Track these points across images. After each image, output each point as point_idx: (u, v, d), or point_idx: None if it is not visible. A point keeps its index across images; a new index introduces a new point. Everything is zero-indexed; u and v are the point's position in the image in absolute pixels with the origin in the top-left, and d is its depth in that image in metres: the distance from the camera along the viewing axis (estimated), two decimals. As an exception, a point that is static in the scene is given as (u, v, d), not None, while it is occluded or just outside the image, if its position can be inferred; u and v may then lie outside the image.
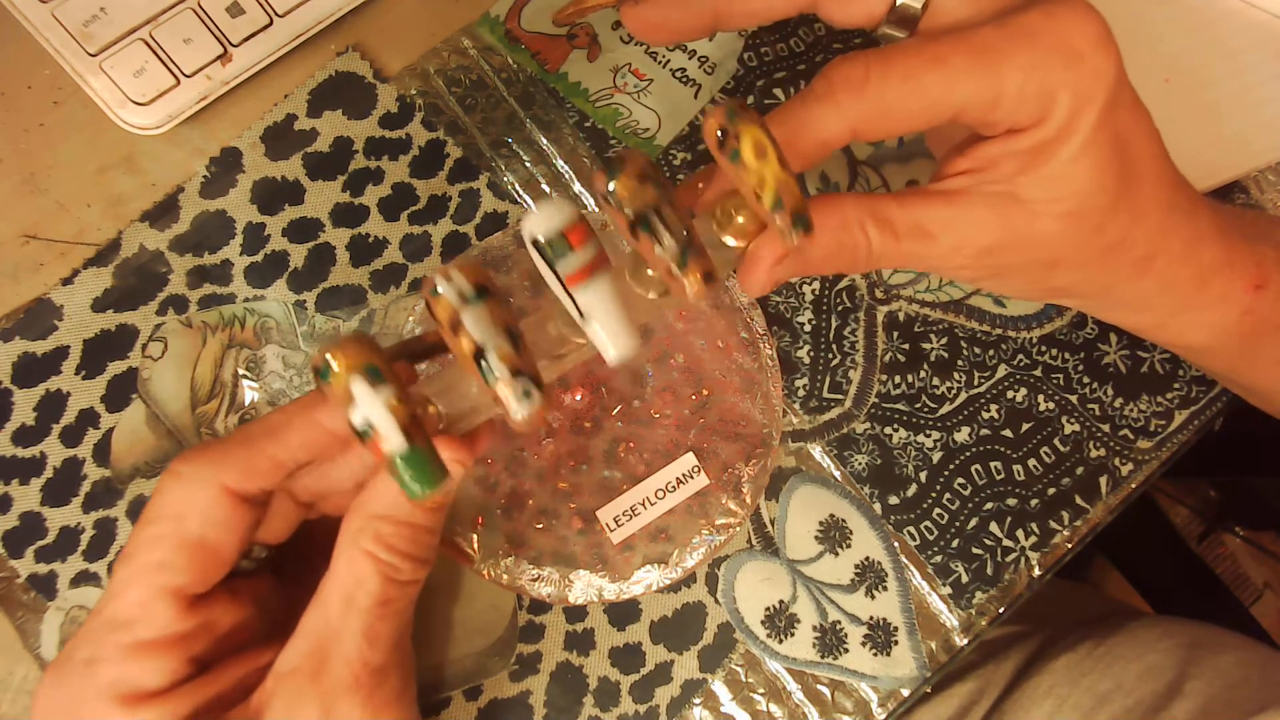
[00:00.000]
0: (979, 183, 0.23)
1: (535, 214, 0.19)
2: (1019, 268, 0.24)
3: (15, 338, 0.33)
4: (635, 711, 0.32)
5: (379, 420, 0.17)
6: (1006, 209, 0.22)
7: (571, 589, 0.32)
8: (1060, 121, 0.21)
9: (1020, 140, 0.22)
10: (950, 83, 0.21)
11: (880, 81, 0.21)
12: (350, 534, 0.23)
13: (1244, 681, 0.37)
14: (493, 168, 0.35)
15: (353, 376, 0.17)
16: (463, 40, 0.36)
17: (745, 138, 0.19)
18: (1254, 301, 0.26)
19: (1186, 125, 0.34)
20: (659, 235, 0.19)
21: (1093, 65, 0.21)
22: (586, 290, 0.19)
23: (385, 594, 0.22)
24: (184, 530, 0.21)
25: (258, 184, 0.34)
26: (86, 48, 0.32)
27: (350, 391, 0.17)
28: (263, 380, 0.33)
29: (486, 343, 0.18)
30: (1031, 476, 0.34)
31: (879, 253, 0.23)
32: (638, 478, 0.32)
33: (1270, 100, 0.34)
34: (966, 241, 0.23)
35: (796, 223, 0.19)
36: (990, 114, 0.22)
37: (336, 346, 0.18)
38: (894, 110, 0.21)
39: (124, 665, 0.21)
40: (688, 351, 0.33)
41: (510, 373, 0.18)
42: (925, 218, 0.23)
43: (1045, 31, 0.21)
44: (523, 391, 0.18)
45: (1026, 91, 0.21)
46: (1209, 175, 0.34)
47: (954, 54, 0.21)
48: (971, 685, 0.45)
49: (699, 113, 0.36)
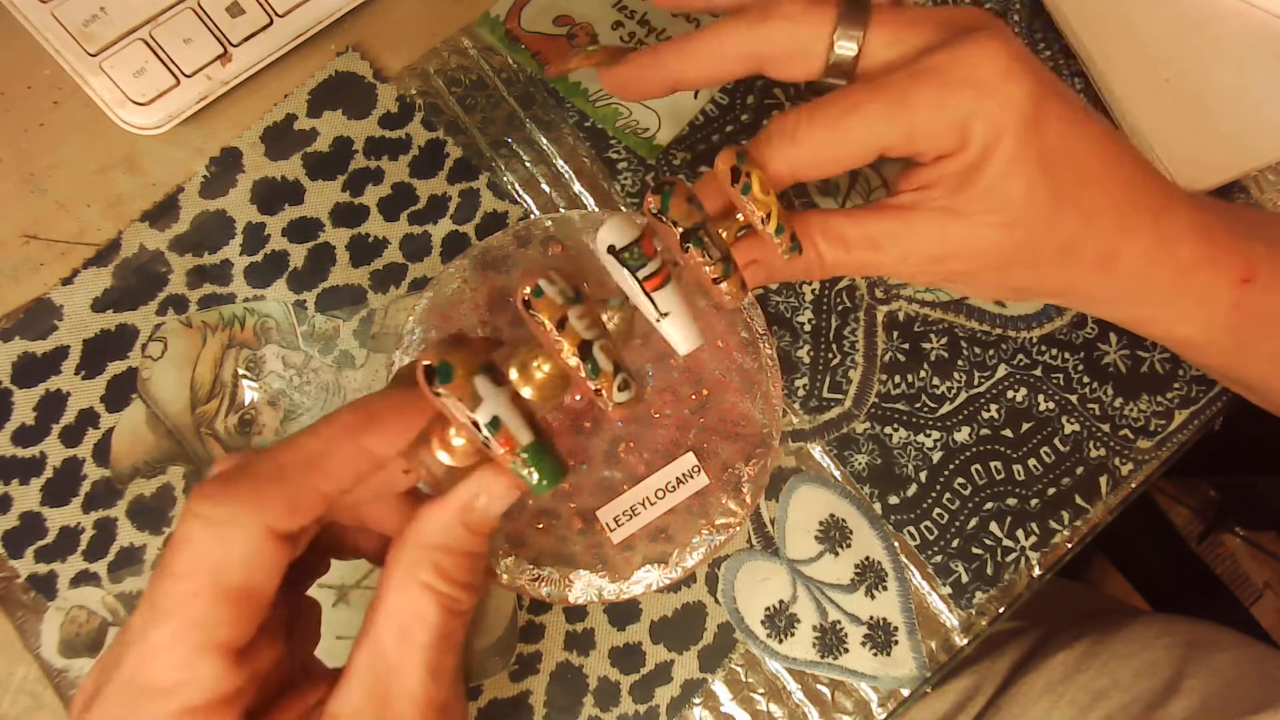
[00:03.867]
0: (924, 199, 0.25)
1: (612, 226, 0.22)
2: (971, 272, 0.26)
3: (15, 338, 0.33)
4: (635, 711, 0.32)
5: (507, 416, 0.18)
6: (947, 222, 0.25)
7: (571, 589, 0.32)
8: (980, 146, 0.24)
9: (948, 164, 0.24)
10: (869, 125, 0.24)
11: (808, 130, 0.24)
12: (404, 566, 0.21)
13: (1242, 680, 0.37)
14: (493, 168, 0.35)
15: (476, 376, 0.18)
16: (463, 40, 0.36)
17: (755, 176, 0.23)
18: (1242, 295, 0.27)
19: (1187, 125, 0.34)
20: (708, 250, 0.22)
21: (1001, 94, 0.23)
22: (663, 293, 0.22)
23: (446, 627, 0.21)
24: (225, 581, 0.19)
25: (258, 184, 0.34)
26: (86, 48, 0.32)
27: (476, 391, 0.18)
28: (263, 380, 0.33)
29: (593, 339, 0.20)
30: (1031, 476, 0.34)
31: (832, 262, 0.26)
32: (638, 478, 0.32)
33: (1270, 100, 0.34)
34: (912, 251, 0.25)
35: (793, 245, 0.24)
36: (911, 147, 0.24)
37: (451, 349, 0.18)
38: (823, 154, 0.24)
39: None
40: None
41: (614, 367, 0.20)
42: (874, 231, 0.25)
43: (950, 70, 0.23)
44: (624, 382, 0.20)
45: (937, 126, 0.23)
46: (1209, 175, 0.34)
47: (868, 100, 0.24)
48: (968, 680, 0.45)
49: (698, 113, 0.36)
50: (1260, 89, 0.34)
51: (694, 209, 0.22)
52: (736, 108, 0.36)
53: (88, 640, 0.32)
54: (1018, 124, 0.23)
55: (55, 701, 0.31)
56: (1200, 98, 0.34)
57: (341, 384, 0.34)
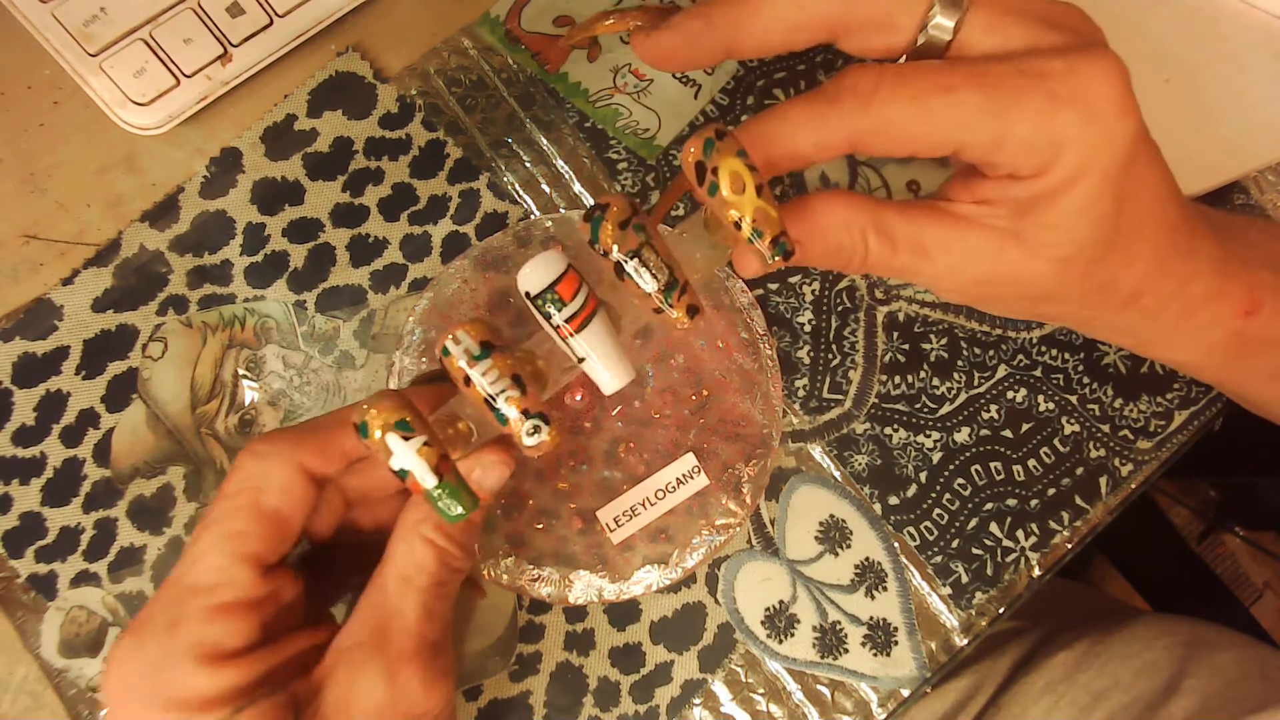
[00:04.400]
0: (985, 215, 0.23)
1: (528, 269, 0.21)
2: (1007, 298, 0.25)
3: (15, 338, 0.33)
4: (635, 711, 0.32)
5: (413, 465, 0.20)
6: (1004, 245, 0.23)
7: (571, 589, 0.32)
8: (1062, 177, 0.21)
9: (1017, 188, 0.22)
10: (956, 114, 0.21)
11: (889, 97, 0.21)
12: (409, 523, 0.24)
13: (1242, 680, 0.37)
14: (493, 168, 0.35)
15: (387, 434, 0.20)
16: (463, 40, 0.36)
17: (723, 171, 0.20)
18: (1245, 325, 0.26)
19: (1186, 125, 0.34)
20: (642, 279, 0.20)
21: (1107, 127, 0.21)
22: (579, 337, 0.22)
23: (441, 576, 0.24)
24: (262, 501, 0.23)
25: (258, 184, 0.34)
26: (86, 48, 0.32)
27: (387, 446, 0.20)
28: (263, 380, 0.33)
29: (494, 394, 0.21)
30: (1031, 477, 0.34)
31: (875, 261, 0.23)
32: (638, 478, 0.32)
33: (1270, 100, 0.34)
34: (960, 268, 0.23)
35: (776, 250, 0.20)
36: (992, 155, 0.21)
37: (371, 406, 0.20)
38: (895, 130, 0.21)
39: (206, 626, 0.22)
40: (688, 352, 0.33)
41: (519, 414, 0.21)
42: (925, 236, 0.23)
43: (1065, 82, 0.20)
44: (532, 428, 0.21)
45: (1034, 140, 0.21)
46: (1209, 175, 0.34)
47: (965, 86, 0.21)
48: (968, 680, 0.45)
49: (699, 113, 0.36)
50: (1260, 89, 0.34)
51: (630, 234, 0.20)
52: (737, 108, 0.36)
53: (88, 640, 0.32)
54: (1112, 164, 0.21)
55: (55, 701, 0.31)
56: (1200, 98, 0.34)
57: (341, 384, 0.34)
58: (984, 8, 0.22)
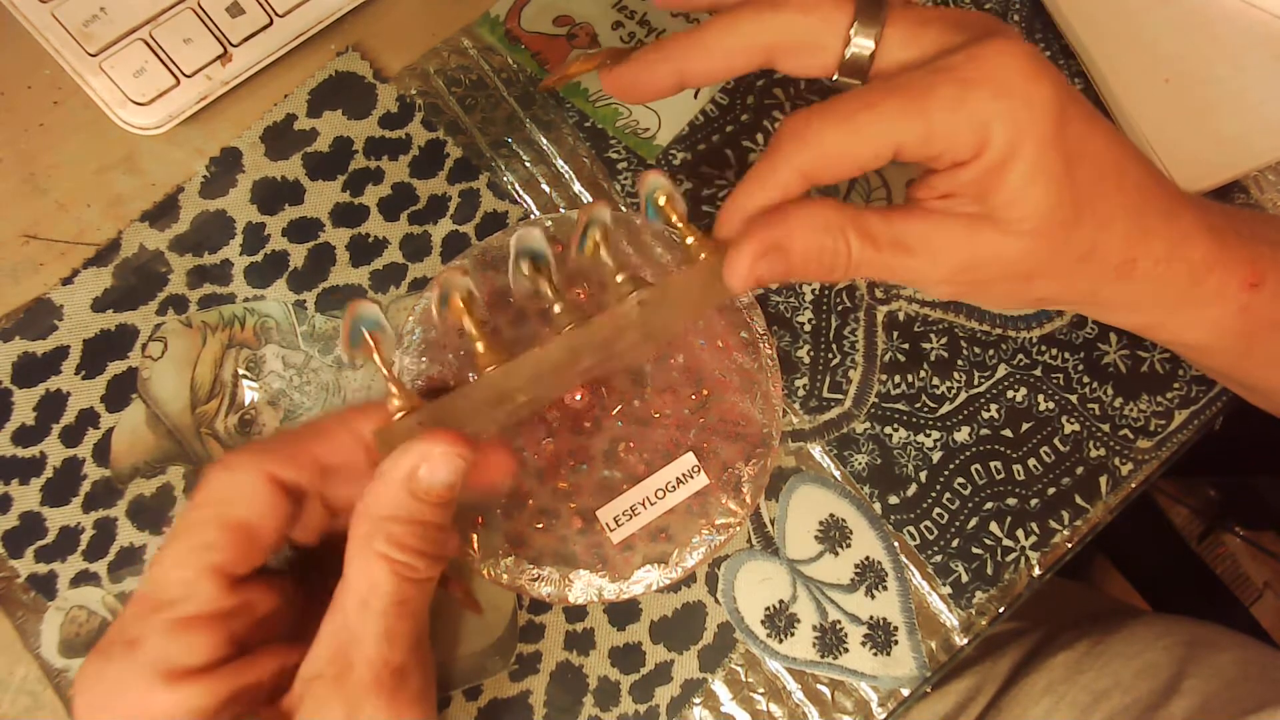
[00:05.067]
0: (951, 205, 0.24)
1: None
2: (994, 281, 0.25)
3: (15, 338, 0.33)
4: (635, 711, 0.32)
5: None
6: (976, 227, 0.24)
7: (571, 589, 0.32)
8: (999, 151, 0.23)
9: (964, 172, 0.23)
10: (883, 125, 0.23)
11: (819, 128, 0.23)
12: (360, 538, 0.23)
13: (1242, 680, 0.37)
14: (493, 168, 0.35)
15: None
16: (463, 40, 0.36)
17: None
18: (1251, 299, 0.27)
19: (1186, 125, 0.34)
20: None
21: (1023, 95, 0.22)
22: None
23: (401, 594, 0.23)
24: (229, 513, 0.23)
25: (258, 184, 0.34)
26: (86, 48, 0.32)
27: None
28: (262, 380, 0.33)
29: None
30: (1031, 476, 0.34)
31: (858, 260, 0.24)
32: (638, 477, 0.32)
33: (1270, 100, 0.34)
34: (942, 257, 0.24)
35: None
36: (926, 150, 0.23)
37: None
38: (835, 154, 0.23)
39: (167, 642, 0.22)
40: (688, 351, 0.33)
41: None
42: (905, 232, 0.24)
43: (970, 70, 0.22)
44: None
45: (956, 127, 0.22)
46: (1209, 175, 0.34)
47: (884, 99, 0.23)
48: (969, 681, 0.45)
49: (699, 113, 0.36)
50: (1260, 89, 0.34)
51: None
52: (736, 107, 0.36)
53: (88, 640, 0.32)
54: (1041, 127, 0.23)
55: (55, 701, 0.31)
56: (1200, 98, 0.34)
57: (341, 384, 0.34)
58: (898, 24, 0.24)
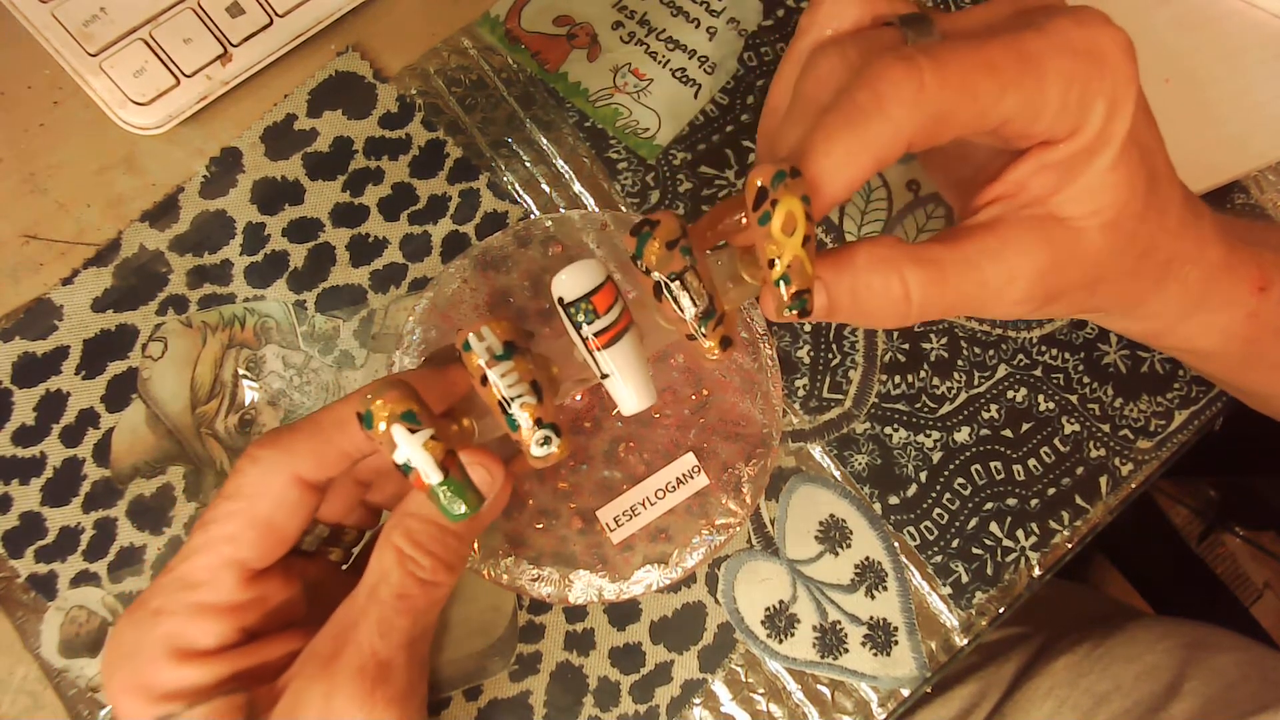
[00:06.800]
0: (1012, 209, 0.22)
1: (564, 276, 0.20)
2: (1067, 291, 0.23)
3: (15, 338, 0.33)
4: (635, 711, 0.32)
5: (418, 460, 0.19)
6: (1049, 229, 0.22)
7: (571, 589, 0.32)
8: (1095, 130, 0.21)
9: (1054, 153, 0.21)
10: (1003, 94, 0.20)
11: (937, 88, 0.19)
12: (386, 530, 0.24)
13: (1243, 681, 0.37)
14: (493, 168, 0.35)
15: (393, 425, 0.19)
16: (463, 40, 0.36)
17: (781, 207, 0.19)
18: (1259, 304, 0.26)
19: (1186, 125, 0.34)
20: (680, 302, 0.20)
21: (1124, 72, 0.21)
22: (607, 352, 0.21)
23: (405, 588, 0.23)
24: (255, 510, 0.23)
25: (258, 184, 0.34)
26: (86, 48, 0.32)
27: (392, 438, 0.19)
28: (263, 380, 0.33)
29: (511, 398, 0.20)
30: (1031, 476, 0.34)
31: (922, 299, 0.21)
32: (638, 478, 0.32)
33: (1270, 100, 0.34)
34: (1018, 269, 0.22)
35: (797, 302, 0.20)
36: (1033, 125, 0.21)
37: (377, 395, 0.19)
38: (948, 119, 0.20)
39: (184, 621, 0.23)
40: (688, 351, 0.33)
41: (532, 423, 0.20)
42: (970, 251, 0.22)
43: (1080, 38, 0.20)
44: (543, 438, 0.20)
45: (1068, 101, 0.20)
46: (1209, 175, 0.34)
47: (1005, 60, 0.20)
48: (973, 687, 0.45)
49: (699, 113, 0.36)
50: (1260, 89, 0.34)
51: (674, 255, 0.19)
52: (737, 108, 0.36)
53: (88, 640, 0.32)
54: (1131, 107, 0.21)
55: (55, 701, 0.31)
56: (1200, 98, 0.34)
57: (341, 384, 0.34)
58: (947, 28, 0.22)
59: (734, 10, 0.37)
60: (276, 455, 0.23)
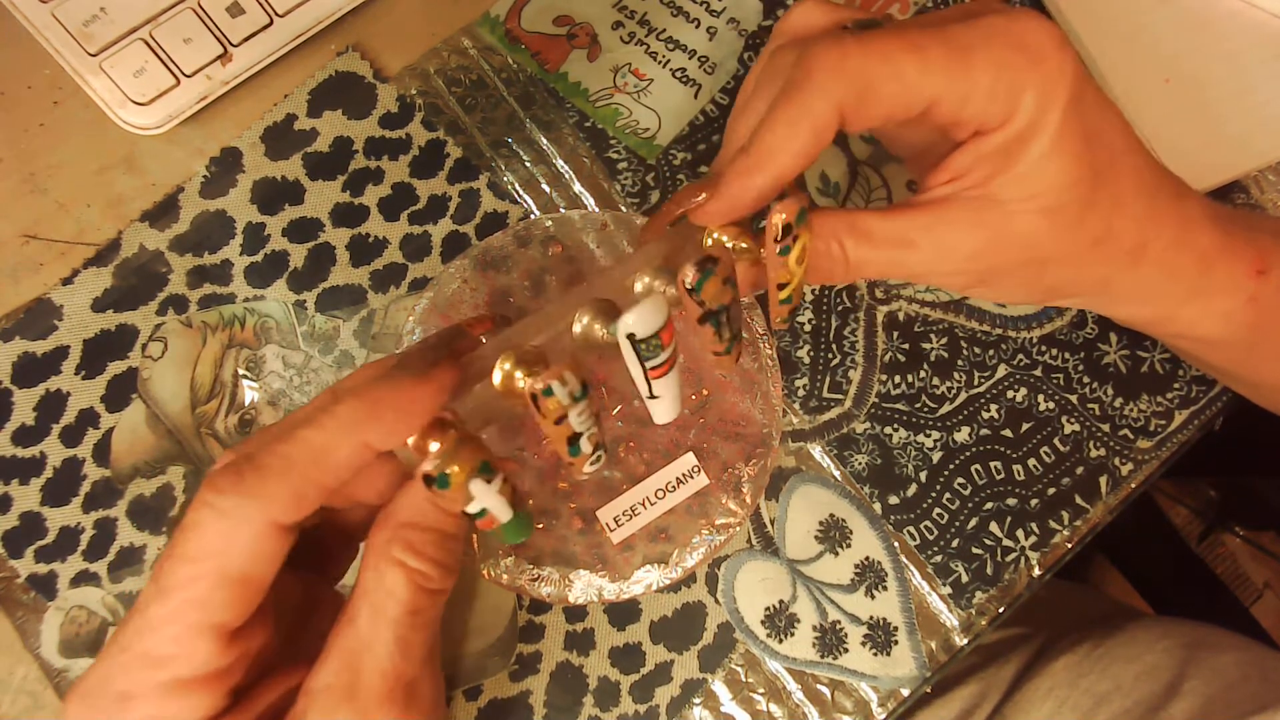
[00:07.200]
0: (957, 190, 0.24)
1: (638, 314, 0.21)
2: (1007, 269, 0.25)
3: (15, 338, 0.33)
4: (635, 711, 0.32)
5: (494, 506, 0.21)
6: (984, 210, 0.23)
7: (571, 589, 0.32)
8: (1026, 120, 0.22)
9: (988, 141, 0.23)
10: (927, 73, 0.21)
11: (861, 63, 0.21)
12: (378, 544, 0.22)
13: (1243, 681, 0.37)
14: (493, 168, 0.35)
15: (472, 480, 0.20)
16: (463, 40, 0.36)
17: (799, 244, 0.22)
18: (1258, 288, 0.27)
19: (1186, 125, 0.34)
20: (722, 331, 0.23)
21: (1055, 64, 0.22)
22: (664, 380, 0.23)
23: (416, 603, 0.22)
24: (226, 567, 0.20)
25: (258, 184, 0.34)
26: (86, 48, 0.32)
27: (469, 494, 0.20)
28: (263, 380, 0.33)
29: (582, 432, 0.22)
30: (1031, 476, 0.34)
31: (856, 261, 0.24)
32: (638, 478, 0.32)
33: (1270, 100, 0.34)
34: (948, 246, 0.24)
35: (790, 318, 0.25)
36: (961, 111, 0.22)
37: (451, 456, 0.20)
38: (873, 91, 0.21)
39: (161, 703, 0.20)
40: (688, 351, 0.33)
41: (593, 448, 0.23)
42: (905, 226, 0.24)
43: (1009, 33, 0.22)
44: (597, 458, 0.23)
45: (996, 90, 0.22)
46: (1209, 175, 0.34)
47: (930, 45, 0.21)
48: (973, 688, 0.45)
49: (699, 113, 0.36)
50: (1260, 89, 0.34)
51: (727, 289, 0.22)
52: (736, 108, 0.36)
53: (88, 640, 0.32)
54: (1066, 98, 0.22)
55: (55, 701, 0.31)
56: (1200, 98, 0.34)
57: (341, 384, 0.34)
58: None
59: (734, 10, 0.37)
60: (244, 504, 0.20)
